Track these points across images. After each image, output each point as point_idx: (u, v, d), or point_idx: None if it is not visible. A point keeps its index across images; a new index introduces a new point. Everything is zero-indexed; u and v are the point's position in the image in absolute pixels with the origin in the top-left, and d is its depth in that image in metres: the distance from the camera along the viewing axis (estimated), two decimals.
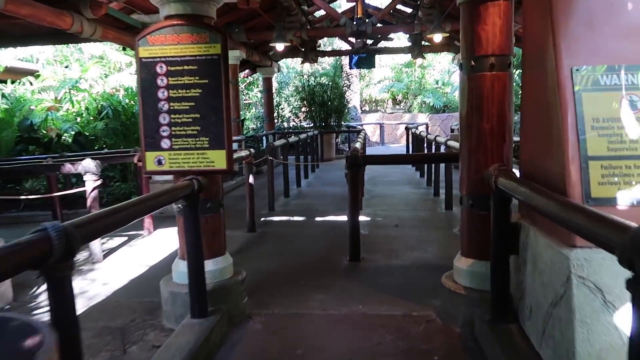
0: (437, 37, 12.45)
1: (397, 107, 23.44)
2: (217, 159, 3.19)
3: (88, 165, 4.79)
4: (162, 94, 3.20)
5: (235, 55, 10.04)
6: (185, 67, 3.16)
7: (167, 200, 2.69)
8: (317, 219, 6.51)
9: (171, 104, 3.19)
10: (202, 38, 3.14)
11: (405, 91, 21.65)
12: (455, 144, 6.19)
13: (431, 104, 19.25)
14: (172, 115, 3.19)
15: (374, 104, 23.71)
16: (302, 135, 9.60)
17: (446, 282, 3.30)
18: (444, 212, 6.86)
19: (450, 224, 6.04)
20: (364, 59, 13.42)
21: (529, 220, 2.61)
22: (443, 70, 21.11)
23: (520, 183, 2.45)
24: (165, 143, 3.22)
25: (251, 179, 6.04)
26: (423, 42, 13.29)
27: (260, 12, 8.90)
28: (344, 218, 5.51)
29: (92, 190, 4.76)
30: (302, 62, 12.78)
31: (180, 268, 3.28)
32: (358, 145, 7.16)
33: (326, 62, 18.28)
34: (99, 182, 4.83)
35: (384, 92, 22.11)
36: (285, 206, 7.50)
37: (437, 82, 20.57)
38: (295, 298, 3.71)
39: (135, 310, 3.59)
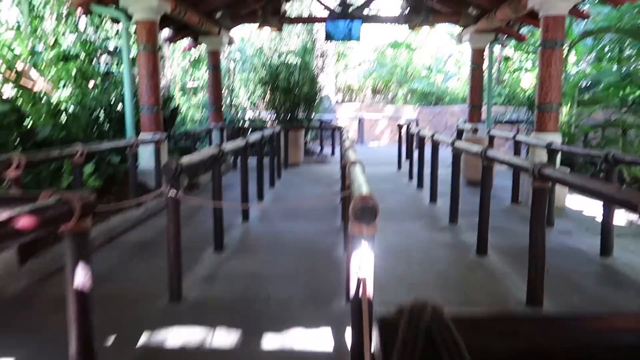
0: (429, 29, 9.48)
1: (377, 96, 20.18)
2: None
3: None
4: None
5: (149, 5, 6.46)
6: None
7: None
8: (267, 339, 3.02)
9: None
10: None
11: (388, 78, 18.39)
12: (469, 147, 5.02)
13: (424, 91, 16.04)
14: None
15: (350, 93, 20.37)
16: (254, 137, 6.13)
17: None
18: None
19: None
20: (346, 28, 10.04)
21: None
22: (439, 51, 17.90)
23: None
24: None
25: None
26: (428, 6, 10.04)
27: None
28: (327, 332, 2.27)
29: None
30: (260, 26, 9.26)
31: None
32: (351, 153, 3.89)
33: (295, 33, 14.74)
34: None
35: (363, 78, 18.77)
36: (208, 285, 3.81)
37: (429, 69, 17.38)
38: None
39: None
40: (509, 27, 9.65)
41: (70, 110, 6.66)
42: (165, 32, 10.24)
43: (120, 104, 7.47)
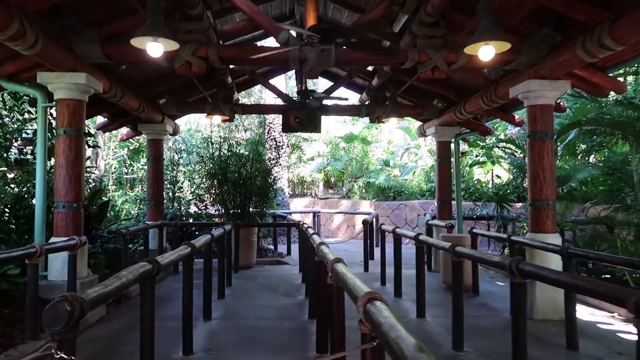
0: (392, 122, 9.13)
1: (331, 190, 19.47)
2: None
3: None
4: None
5: (75, 83, 5.36)
6: None
7: None
8: None
9: None
10: None
11: (342, 171, 17.80)
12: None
13: (380, 185, 15.40)
14: None
15: (302, 187, 19.56)
16: (201, 241, 4.84)
17: None
18: None
19: None
20: (306, 118, 9.33)
21: None
22: (396, 145, 17.65)
23: None
24: None
25: None
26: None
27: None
28: None
29: None
30: (209, 114, 8.34)
31: None
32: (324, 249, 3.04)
33: (246, 123, 13.98)
34: None
35: (317, 171, 18.08)
36: None
37: (385, 163, 16.97)
38: None
39: None
40: (474, 120, 9.30)
41: None
42: (99, 120, 9.14)
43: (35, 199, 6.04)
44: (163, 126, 9.37)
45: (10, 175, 6.84)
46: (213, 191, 11.14)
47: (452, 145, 9.94)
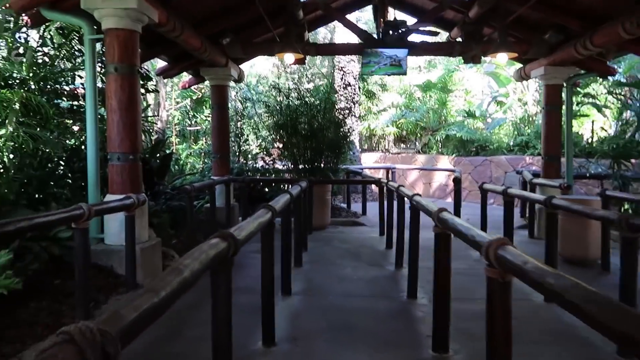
0: (501, 58, 7.61)
1: (402, 145, 18.10)
2: None
3: None
4: None
5: (125, 8, 4.47)
6: None
7: None
8: None
9: None
10: None
11: (416, 124, 16.28)
12: None
13: (461, 138, 13.90)
14: None
15: (371, 141, 18.28)
16: (280, 202, 3.89)
17: None
18: None
19: None
20: (388, 59, 8.08)
21: None
22: (483, 92, 15.86)
23: None
24: None
25: None
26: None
27: None
28: None
29: None
30: (280, 53, 7.33)
31: None
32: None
33: (310, 74, 12.84)
34: None
35: (390, 124, 16.67)
36: None
37: (468, 114, 15.28)
38: None
39: None
40: (598, 57, 7.65)
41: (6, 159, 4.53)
42: (158, 66, 8.38)
43: None
44: (227, 70, 8.48)
45: (75, 128, 6.19)
46: (281, 145, 10.24)
47: (564, 90, 8.36)
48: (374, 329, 3.79)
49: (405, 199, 5.07)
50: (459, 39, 8.42)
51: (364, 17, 16.69)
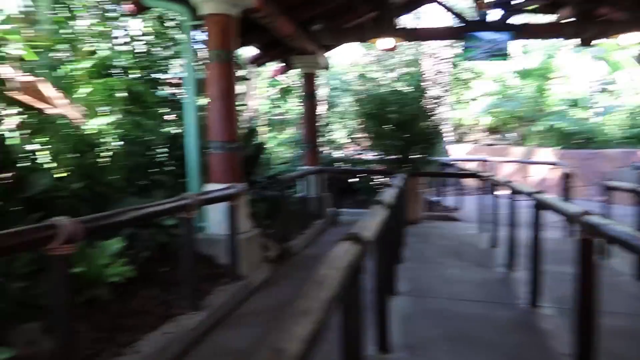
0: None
1: (493, 136, 17.05)
2: None
3: None
4: None
5: None
6: None
7: None
8: None
9: None
10: None
11: (513, 113, 15.20)
12: None
13: (566, 129, 12.77)
14: None
15: (463, 132, 17.35)
16: (389, 194, 3.59)
17: None
18: None
19: None
20: (489, 43, 7.48)
21: None
22: (587, 80, 14.48)
23: None
24: None
25: None
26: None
27: None
28: None
29: None
30: (370, 39, 7.02)
31: None
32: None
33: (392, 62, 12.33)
34: None
35: (484, 113, 15.71)
36: None
37: (573, 103, 14.02)
38: None
39: None
40: None
41: (112, 147, 4.61)
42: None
43: None
44: (316, 58, 8.36)
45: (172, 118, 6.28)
46: (370, 134, 9.90)
47: None
48: (496, 340, 3.38)
49: (523, 195, 4.56)
50: (570, 20, 7.59)
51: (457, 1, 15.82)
